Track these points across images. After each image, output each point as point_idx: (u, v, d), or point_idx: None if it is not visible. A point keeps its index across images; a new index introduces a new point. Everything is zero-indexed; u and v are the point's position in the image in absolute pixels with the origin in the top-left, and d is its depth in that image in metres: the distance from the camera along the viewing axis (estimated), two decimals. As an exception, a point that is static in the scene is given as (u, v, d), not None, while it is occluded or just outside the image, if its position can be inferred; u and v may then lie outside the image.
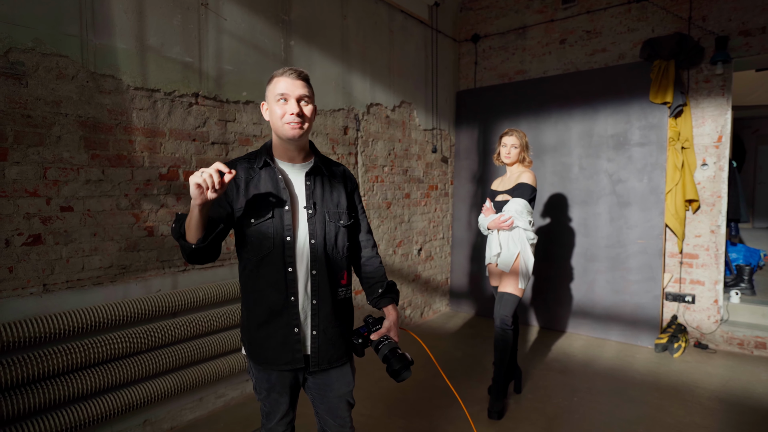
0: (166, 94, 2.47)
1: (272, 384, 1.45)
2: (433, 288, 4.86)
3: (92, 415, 2.12)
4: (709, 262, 3.90)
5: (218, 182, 1.16)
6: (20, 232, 1.98)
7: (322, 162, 1.50)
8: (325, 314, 1.42)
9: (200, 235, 1.24)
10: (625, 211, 4.06)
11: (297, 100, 1.36)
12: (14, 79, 1.95)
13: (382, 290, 1.56)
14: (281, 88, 1.35)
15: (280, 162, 1.44)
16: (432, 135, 4.73)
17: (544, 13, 4.56)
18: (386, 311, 1.55)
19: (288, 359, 1.40)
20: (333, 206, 1.46)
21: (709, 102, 3.85)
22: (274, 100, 1.37)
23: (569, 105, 4.32)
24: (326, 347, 1.43)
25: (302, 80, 1.38)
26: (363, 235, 1.60)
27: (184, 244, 1.26)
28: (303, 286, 1.40)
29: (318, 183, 1.45)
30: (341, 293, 1.48)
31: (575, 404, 2.87)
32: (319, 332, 1.42)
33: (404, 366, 1.39)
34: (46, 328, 1.98)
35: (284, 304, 1.38)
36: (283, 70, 1.38)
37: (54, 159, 2.07)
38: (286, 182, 1.42)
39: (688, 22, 3.86)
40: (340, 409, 1.50)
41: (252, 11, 2.89)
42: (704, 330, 3.92)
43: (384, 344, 1.44)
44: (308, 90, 1.39)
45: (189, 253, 1.27)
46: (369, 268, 1.60)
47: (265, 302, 1.39)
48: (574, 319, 4.30)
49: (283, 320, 1.39)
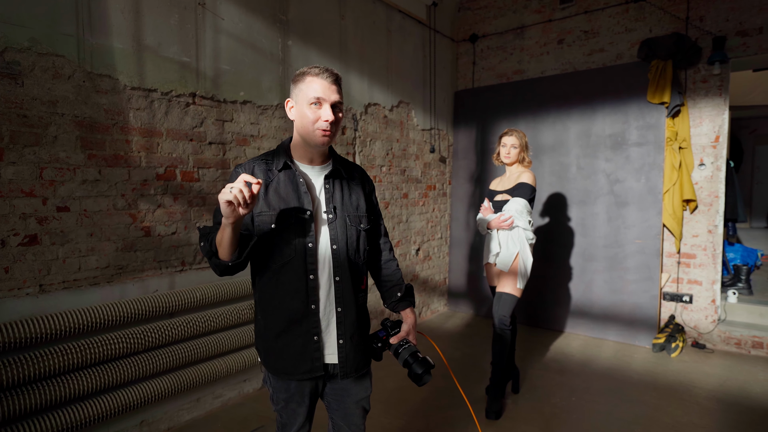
0: (163, 94, 2.46)
1: (291, 394, 1.39)
2: (431, 288, 4.86)
3: (89, 415, 2.11)
4: (706, 262, 3.91)
5: (249, 196, 1.10)
6: (16, 232, 1.98)
7: (341, 164, 1.43)
8: (350, 321, 1.38)
9: (234, 250, 1.20)
10: (622, 211, 4.07)
11: (332, 106, 1.28)
12: (10, 79, 1.94)
13: (401, 294, 1.53)
14: (317, 91, 1.26)
15: (300, 164, 1.38)
16: (430, 135, 4.73)
17: (542, 13, 4.57)
18: (404, 315, 1.52)
19: (307, 368, 1.35)
20: (353, 210, 1.41)
21: (706, 102, 3.86)
22: (306, 101, 1.27)
23: (567, 105, 4.32)
24: (353, 355, 1.39)
25: (338, 85, 1.30)
26: (381, 239, 1.56)
27: (218, 263, 1.22)
28: (325, 293, 1.35)
29: (337, 186, 1.40)
30: (361, 298, 1.44)
31: (573, 404, 2.87)
32: (346, 340, 1.37)
33: (426, 370, 1.38)
34: (42, 328, 1.97)
35: (305, 313, 1.33)
36: (318, 70, 1.28)
37: (50, 159, 2.06)
38: (308, 186, 1.35)
39: (686, 22, 3.87)
40: (356, 416, 1.45)
41: (249, 11, 2.88)
42: (702, 330, 3.92)
43: (404, 348, 1.42)
44: (341, 95, 1.32)
45: (224, 270, 1.23)
46: (387, 272, 1.56)
47: (284, 310, 1.33)
48: (572, 319, 4.30)
49: (302, 329, 1.34)
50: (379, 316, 3.87)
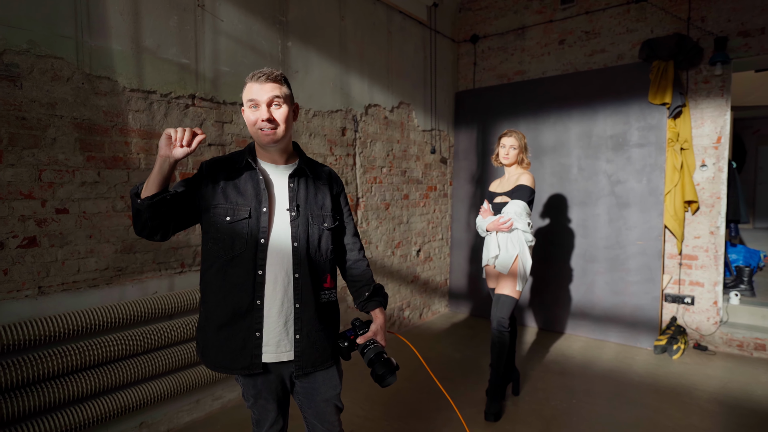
0: (163, 96, 2.46)
1: (258, 390, 1.43)
2: (432, 289, 4.85)
3: (88, 417, 2.11)
4: (708, 263, 3.89)
5: (188, 140, 1.18)
6: (15, 234, 1.98)
7: (307, 164, 1.47)
8: (308, 317, 1.40)
9: (154, 192, 1.22)
10: (624, 212, 4.05)
11: (267, 105, 1.31)
12: (9, 81, 1.94)
13: (368, 293, 1.53)
14: (250, 94, 1.31)
15: (263, 163, 1.42)
16: (431, 136, 4.73)
17: (543, 14, 4.55)
18: (373, 315, 1.53)
19: (245, 364, 1.36)
20: (317, 209, 1.44)
21: (708, 103, 3.84)
22: (246, 106, 1.33)
23: (568, 106, 4.31)
24: (310, 351, 1.41)
25: (273, 82, 1.32)
26: (349, 238, 1.57)
27: (133, 199, 1.25)
28: (282, 289, 1.37)
29: (302, 185, 1.43)
30: (325, 296, 1.45)
31: (573, 406, 2.86)
32: (303, 336, 1.39)
33: (389, 371, 1.36)
34: (41, 330, 1.97)
35: (249, 308, 1.35)
36: (252, 74, 1.33)
37: (49, 161, 2.07)
38: (267, 183, 1.39)
39: (687, 22, 3.85)
40: (328, 414, 1.48)
41: (249, 12, 2.88)
42: (703, 332, 3.90)
43: (370, 348, 1.41)
44: (281, 90, 1.33)
45: (135, 212, 1.26)
46: (355, 271, 1.57)
47: (228, 304, 1.35)
48: (573, 321, 4.28)
49: (245, 323, 1.35)
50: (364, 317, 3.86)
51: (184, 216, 1.36)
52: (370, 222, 3.94)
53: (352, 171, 3.76)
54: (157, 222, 1.28)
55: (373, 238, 3.99)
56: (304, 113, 3.31)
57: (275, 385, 1.43)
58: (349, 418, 2.68)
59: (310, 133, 3.37)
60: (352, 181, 3.77)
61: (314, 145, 3.41)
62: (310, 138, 3.37)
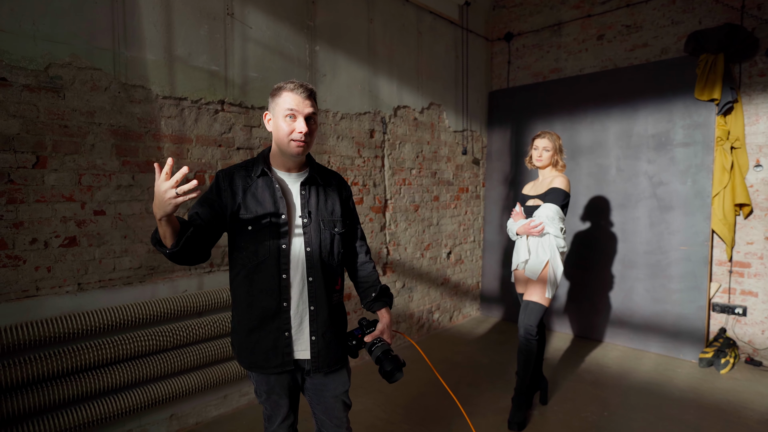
0: (193, 102, 2.57)
1: (271, 386, 1.49)
2: (463, 292, 4.78)
3: (123, 407, 2.24)
4: (762, 271, 3.60)
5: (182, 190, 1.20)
6: (57, 234, 2.13)
7: (317, 171, 1.53)
8: (323, 319, 1.46)
9: (173, 241, 1.27)
10: (666, 216, 3.82)
11: (305, 118, 1.36)
12: (53, 93, 2.09)
13: (375, 294, 1.60)
14: (290, 104, 1.35)
15: (278, 171, 1.48)
16: (462, 137, 4.65)
17: (580, 9, 4.38)
18: (380, 314, 1.59)
19: (278, 362, 1.44)
20: (328, 214, 1.49)
21: (764, 98, 3.55)
22: (281, 114, 1.37)
23: (606, 104, 4.12)
24: (326, 351, 1.47)
25: (311, 98, 1.38)
26: (357, 242, 1.64)
27: (160, 250, 1.29)
28: (298, 292, 1.43)
29: (313, 192, 1.48)
30: (336, 298, 1.52)
31: (604, 419, 2.73)
32: (318, 337, 1.46)
33: (396, 367, 1.43)
34: (80, 324, 2.11)
35: (277, 310, 1.42)
36: (292, 85, 1.37)
37: (88, 166, 2.20)
38: (284, 191, 1.45)
39: (741, 11, 3.58)
40: (336, 410, 1.52)
41: (277, 18, 2.95)
42: (757, 345, 3.62)
43: (377, 346, 1.48)
44: (315, 107, 1.40)
45: (168, 257, 1.31)
46: (363, 273, 1.63)
47: (257, 308, 1.42)
48: (611, 329, 4.09)
49: (274, 325, 1.42)
50: (370, 316, 3.85)
51: (215, 232, 1.41)
52: (398, 224, 3.93)
53: (380, 173, 3.77)
54: (193, 254, 1.33)
55: (402, 239, 3.98)
56: (331, 116, 3.35)
57: (287, 382, 1.49)
58: (371, 421, 2.69)
59: (338, 135, 3.41)
60: (381, 183, 3.78)
61: (342, 147, 3.44)
62: (338, 140, 3.41)
